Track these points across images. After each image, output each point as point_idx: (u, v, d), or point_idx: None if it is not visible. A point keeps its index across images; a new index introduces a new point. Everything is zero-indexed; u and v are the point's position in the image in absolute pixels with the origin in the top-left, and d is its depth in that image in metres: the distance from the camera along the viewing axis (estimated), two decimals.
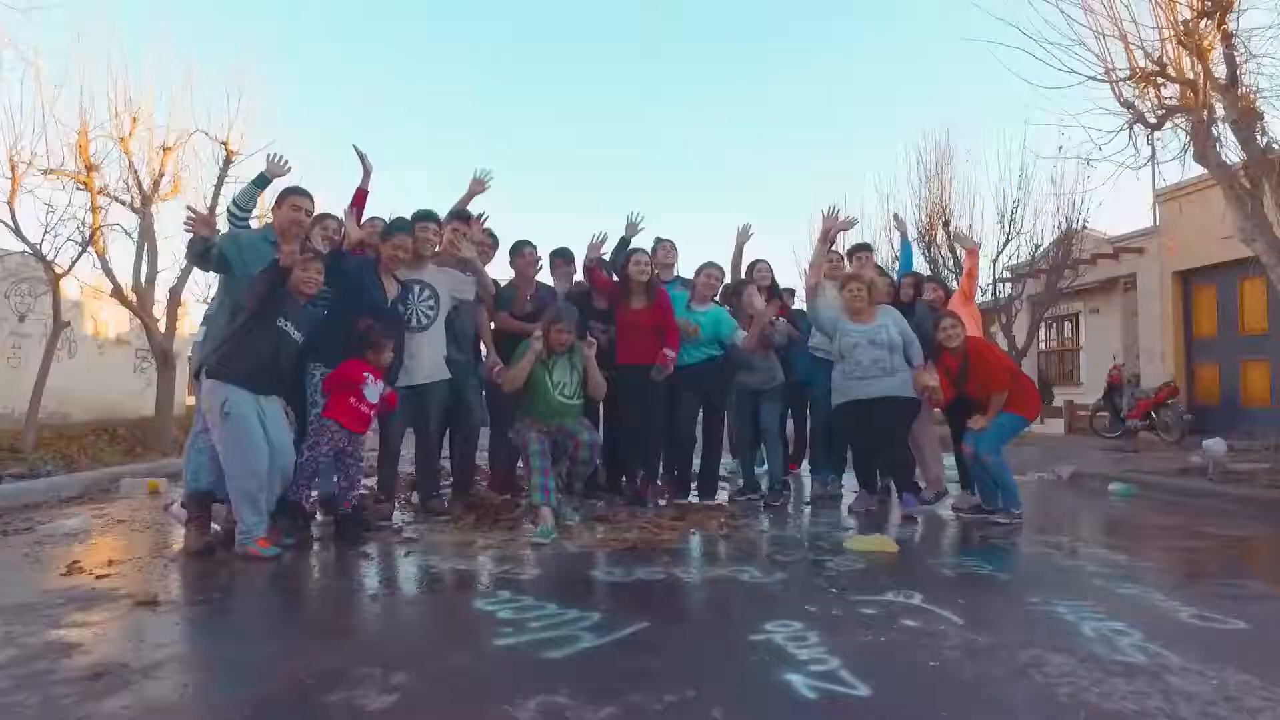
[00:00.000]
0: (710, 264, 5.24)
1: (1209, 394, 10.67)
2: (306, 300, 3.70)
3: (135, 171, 9.04)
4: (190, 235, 3.71)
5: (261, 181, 4.22)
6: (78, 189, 9.08)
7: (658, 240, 5.57)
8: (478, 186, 4.99)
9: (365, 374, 3.84)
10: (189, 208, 3.83)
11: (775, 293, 5.68)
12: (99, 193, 8.96)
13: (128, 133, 9.36)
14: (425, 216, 4.67)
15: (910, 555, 3.69)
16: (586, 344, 4.52)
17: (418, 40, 48.91)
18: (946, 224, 11.70)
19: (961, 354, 4.65)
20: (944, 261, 11.86)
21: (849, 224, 5.61)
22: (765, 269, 5.65)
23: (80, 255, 7.94)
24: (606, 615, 2.56)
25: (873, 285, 4.93)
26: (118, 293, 8.78)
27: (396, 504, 4.80)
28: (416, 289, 4.50)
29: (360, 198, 4.42)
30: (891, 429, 4.77)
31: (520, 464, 4.75)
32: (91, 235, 8.30)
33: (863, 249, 5.97)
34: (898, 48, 39.69)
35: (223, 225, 4.39)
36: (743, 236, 5.64)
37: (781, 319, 5.32)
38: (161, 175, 9.41)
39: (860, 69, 42.31)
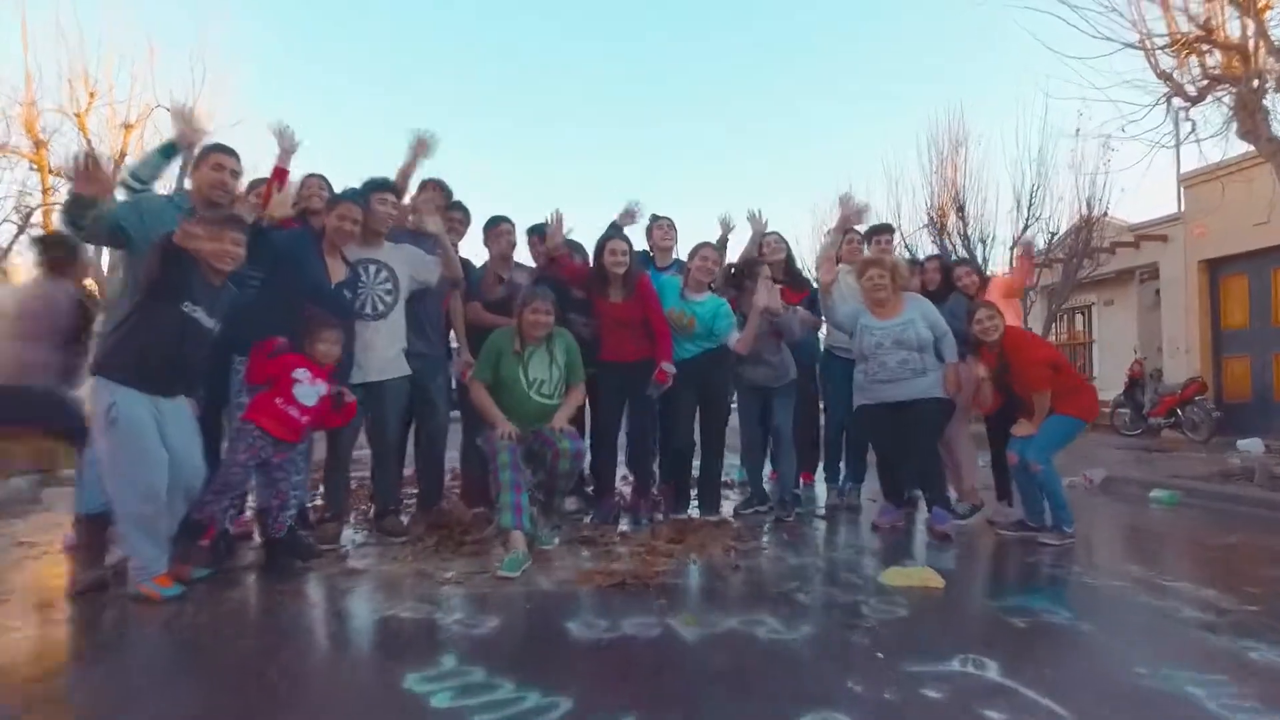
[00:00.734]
0: (704, 244, 4.46)
1: (1239, 390, 10.03)
2: (222, 279, 2.98)
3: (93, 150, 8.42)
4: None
5: (169, 150, 3.49)
6: (31, 169, 8.48)
7: (654, 218, 4.90)
8: (421, 148, 4.22)
9: (297, 370, 3.16)
10: (87, 152, 3.10)
11: (791, 268, 5.00)
12: (53, 172, 8.35)
13: (84, 108, 8.72)
14: (382, 185, 4.01)
15: (961, 593, 3.02)
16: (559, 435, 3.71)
17: (415, 37, 48.06)
18: (960, 209, 11.06)
19: (999, 350, 4.02)
20: (954, 251, 11.27)
21: (860, 215, 4.90)
22: (775, 242, 4.93)
23: (18, 235, 7.29)
24: (579, 702, 1.88)
25: (896, 270, 4.30)
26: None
27: (351, 520, 4.16)
28: (371, 270, 3.84)
29: (279, 175, 3.60)
30: (922, 434, 4.14)
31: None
32: (39, 215, 7.66)
33: (884, 231, 5.29)
34: (909, 29, 38.87)
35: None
36: (757, 225, 4.92)
37: (797, 306, 4.62)
38: (124, 154, 8.81)
39: (867, 56, 41.58)
